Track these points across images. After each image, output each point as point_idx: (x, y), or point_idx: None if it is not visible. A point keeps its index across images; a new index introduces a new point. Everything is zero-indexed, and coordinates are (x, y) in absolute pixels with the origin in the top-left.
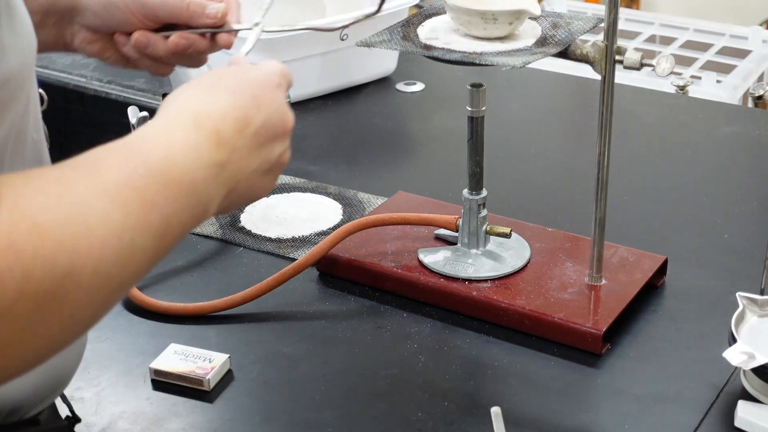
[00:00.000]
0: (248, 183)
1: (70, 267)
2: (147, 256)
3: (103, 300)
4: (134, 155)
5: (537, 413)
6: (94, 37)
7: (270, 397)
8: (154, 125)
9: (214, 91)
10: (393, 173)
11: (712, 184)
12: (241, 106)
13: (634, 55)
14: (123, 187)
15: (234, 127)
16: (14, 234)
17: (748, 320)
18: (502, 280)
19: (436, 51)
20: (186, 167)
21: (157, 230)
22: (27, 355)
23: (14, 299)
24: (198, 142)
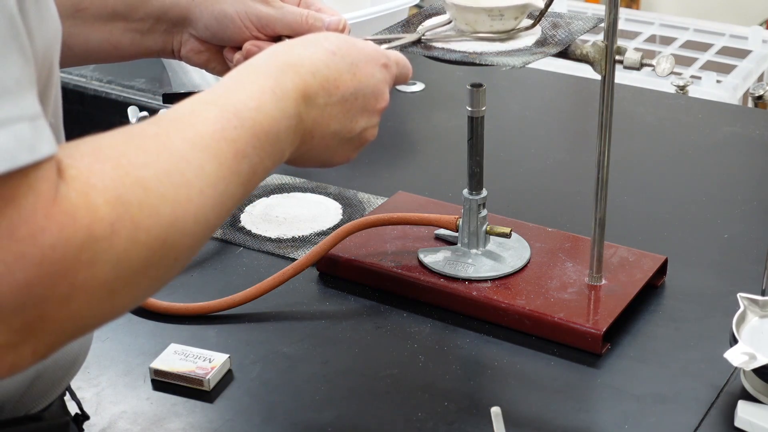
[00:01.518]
0: (323, 143)
1: (174, 217)
2: (235, 202)
3: (201, 243)
4: (226, 107)
5: (537, 413)
6: (202, 47)
7: (270, 397)
8: (247, 72)
9: (313, 46)
10: (393, 173)
11: (712, 184)
12: (335, 68)
13: (634, 55)
14: (217, 140)
15: (322, 84)
16: (120, 188)
17: (749, 321)
18: (502, 280)
19: (436, 51)
20: (273, 117)
21: (246, 177)
22: (137, 295)
23: (127, 247)
24: (286, 90)
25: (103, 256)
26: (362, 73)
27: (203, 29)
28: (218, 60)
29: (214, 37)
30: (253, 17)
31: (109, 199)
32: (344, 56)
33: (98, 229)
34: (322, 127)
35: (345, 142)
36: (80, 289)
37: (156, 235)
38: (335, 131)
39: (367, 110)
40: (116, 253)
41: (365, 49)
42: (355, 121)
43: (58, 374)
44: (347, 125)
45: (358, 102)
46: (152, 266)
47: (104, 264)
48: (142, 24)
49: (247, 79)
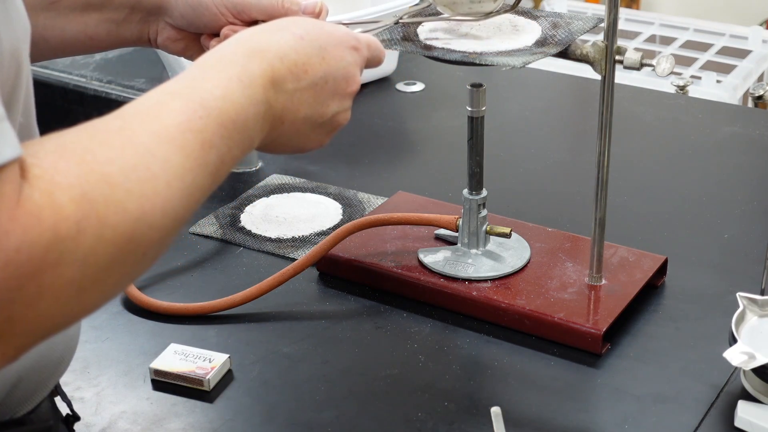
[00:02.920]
0: (294, 128)
1: (141, 211)
2: (204, 193)
3: (171, 236)
4: (192, 98)
5: (537, 413)
6: (179, 36)
7: (270, 397)
8: (212, 61)
9: (281, 32)
10: (393, 173)
11: (712, 184)
12: (303, 52)
13: (634, 55)
14: (183, 131)
15: (290, 69)
16: (85, 185)
17: (748, 320)
18: (502, 280)
19: (436, 51)
20: (241, 105)
21: (214, 167)
22: (107, 292)
23: (94, 245)
24: (252, 77)
25: (69, 255)
26: (331, 57)
27: (179, 17)
28: (195, 48)
29: (190, 25)
30: (229, 4)
31: (74, 197)
32: (312, 40)
33: (64, 228)
34: (292, 112)
35: (317, 127)
36: (48, 290)
37: (123, 231)
38: (306, 116)
39: (338, 94)
40: (83, 252)
41: (334, 32)
42: (326, 106)
43: (42, 376)
44: (318, 110)
45: (329, 86)
46: (120, 262)
47: (71, 263)
48: (117, 14)
49: (212, 68)
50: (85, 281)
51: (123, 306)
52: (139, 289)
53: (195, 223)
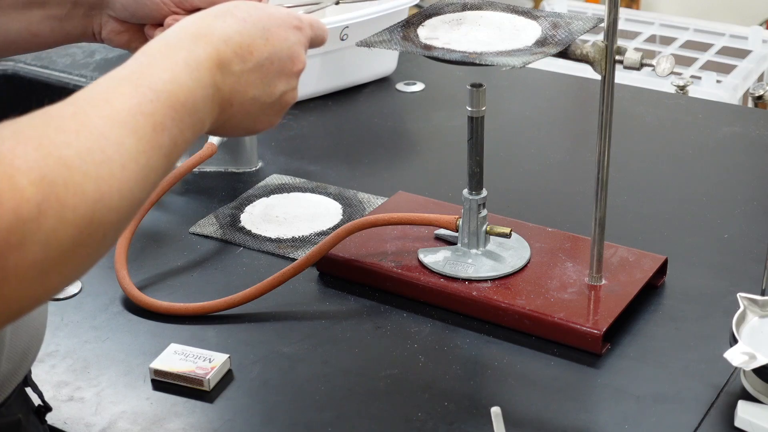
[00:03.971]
0: (243, 109)
1: (99, 193)
2: (159, 175)
3: (128, 218)
4: (140, 83)
5: (537, 413)
6: (122, 28)
7: (270, 397)
8: (158, 47)
9: (224, 16)
10: (393, 173)
11: (712, 184)
12: (248, 34)
13: (634, 55)
14: (134, 114)
15: (235, 51)
16: (44, 168)
17: (748, 321)
18: (502, 280)
19: (436, 51)
20: (189, 88)
21: (167, 149)
22: (69, 275)
23: (55, 227)
24: (198, 60)
25: (32, 237)
26: (275, 38)
27: (121, 9)
28: (140, 39)
29: (132, 16)
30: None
31: (33, 180)
32: (255, 22)
33: (25, 210)
34: (240, 94)
35: (266, 107)
36: (11, 273)
37: (83, 213)
38: (254, 97)
39: (284, 74)
40: (45, 234)
41: (277, 13)
42: (274, 86)
43: (8, 368)
44: (266, 90)
45: (274, 66)
46: (81, 244)
47: (33, 245)
48: (59, 10)
49: (159, 53)
50: (47, 263)
51: (123, 306)
52: (139, 289)
53: (195, 223)
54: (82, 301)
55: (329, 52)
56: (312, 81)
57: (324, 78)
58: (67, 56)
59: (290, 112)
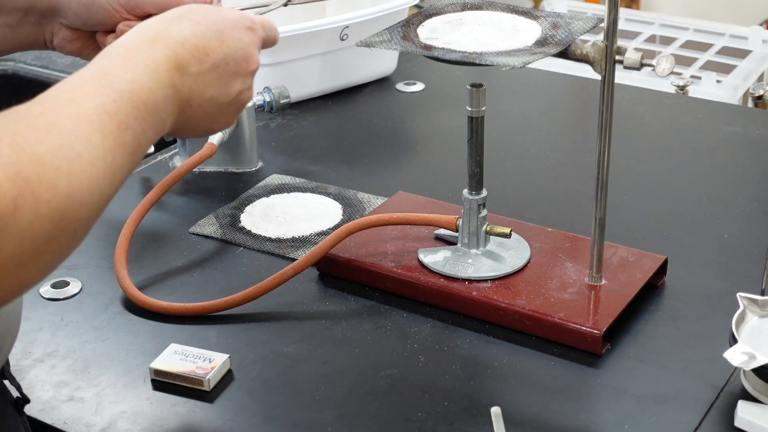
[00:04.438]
0: (202, 110)
1: (71, 189)
2: (125, 172)
3: (97, 213)
4: (103, 83)
5: (537, 413)
6: (74, 35)
7: (270, 397)
8: (117, 50)
9: (179, 20)
10: (393, 173)
11: (712, 184)
12: (203, 36)
13: (634, 55)
14: (99, 113)
15: (192, 53)
16: (18, 164)
17: (748, 321)
18: (502, 280)
19: (436, 51)
20: (150, 88)
21: (131, 148)
22: (42, 269)
23: (30, 221)
24: (157, 62)
25: (8, 231)
26: (230, 39)
27: (73, 17)
28: (92, 46)
29: (85, 23)
30: (122, 0)
31: (9, 176)
32: (210, 24)
33: (2, 205)
34: (199, 95)
35: (223, 107)
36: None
37: (56, 208)
38: (212, 97)
39: (240, 73)
40: (20, 228)
41: (230, 15)
42: (230, 86)
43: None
44: (223, 90)
45: (230, 66)
46: (54, 239)
47: (10, 239)
48: (10, 18)
49: (119, 56)
50: (23, 256)
51: (123, 306)
52: (139, 289)
53: (195, 223)
54: (82, 301)
55: (329, 52)
56: (312, 81)
57: (324, 78)
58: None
59: (290, 112)
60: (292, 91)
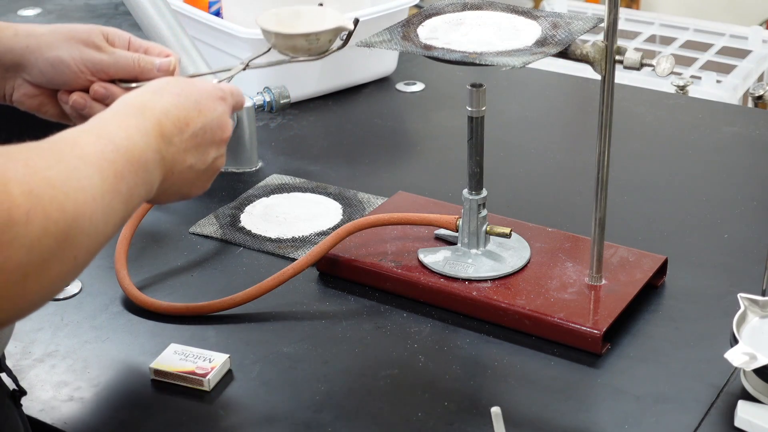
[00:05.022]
0: (182, 177)
1: (76, 214)
2: (118, 219)
3: (94, 249)
4: (102, 135)
5: (537, 413)
6: (36, 92)
7: (270, 397)
8: (110, 114)
9: (161, 92)
10: (393, 173)
11: (713, 184)
12: (183, 107)
13: (634, 55)
14: (99, 158)
15: (174, 124)
16: (32, 183)
17: (749, 321)
18: (502, 280)
19: (436, 51)
20: (142, 149)
21: (125, 197)
22: (44, 287)
23: (39, 235)
24: (146, 128)
25: (19, 239)
26: (206, 109)
27: (38, 74)
28: (52, 103)
29: (49, 81)
30: (88, 63)
31: (24, 191)
32: (188, 96)
33: (16, 214)
34: (180, 163)
35: (200, 174)
36: (1, 268)
37: (62, 228)
38: (191, 165)
39: (215, 142)
40: (30, 239)
41: (204, 87)
42: (207, 153)
43: None
44: (201, 158)
45: (207, 135)
46: (57, 258)
47: (20, 247)
48: None
49: (112, 118)
50: (29, 267)
51: (123, 306)
52: (139, 289)
53: (195, 223)
54: (82, 301)
55: None
56: (312, 81)
57: (324, 78)
58: None
59: (290, 112)
60: (292, 91)
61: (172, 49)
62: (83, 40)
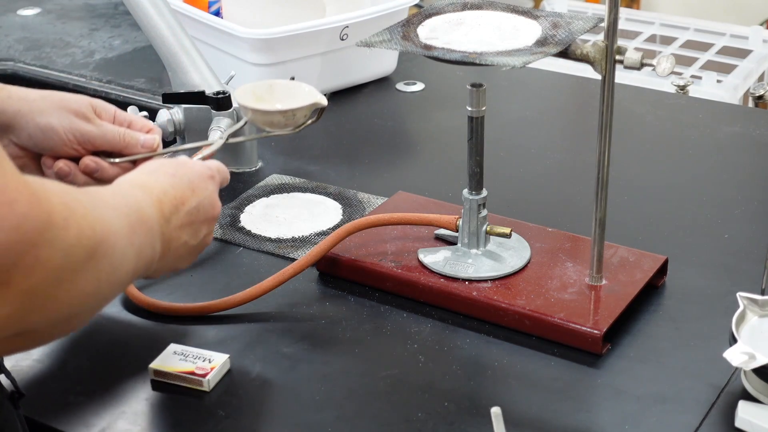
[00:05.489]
0: (177, 253)
1: (104, 235)
2: (130, 268)
3: (113, 281)
4: (117, 194)
5: (537, 413)
6: (21, 153)
7: (270, 397)
8: (115, 187)
9: (156, 173)
10: (393, 173)
11: (713, 184)
12: (178, 188)
13: (634, 54)
14: (116, 206)
15: (172, 202)
16: (67, 197)
17: (748, 320)
18: (502, 280)
19: (436, 51)
20: (149, 215)
21: (136, 250)
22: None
23: (74, 242)
24: (151, 202)
25: (58, 242)
26: (199, 189)
27: (26, 138)
28: (34, 166)
29: (35, 146)
30: (77, 132)
31: (61, 202)
32: (182, 177)
33: (56, 217)
34: (176, 239)
35: (191, 249)
36: (41, 265)
37: (93, 244)
38: (185, 241)
39: (207, 219)
40: (67, 244)
41: (195, 167)
42: (200, 231)
43: None
44: (194, 235)
45: (200, 214)
46: (86, 272)
47: (59, 249)
48: None
49: (119, 189)
50: (64, 272)
51: (123, 306)
52: (139, 289)
53: None
54: None
55: (329, 52)
56: (312, 81)
57: (324, 78)
58: (67, 56)
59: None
60: None
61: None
62: (74, 110)
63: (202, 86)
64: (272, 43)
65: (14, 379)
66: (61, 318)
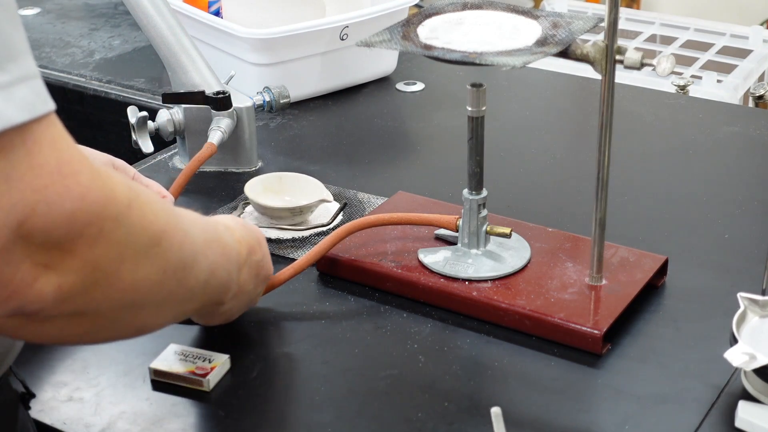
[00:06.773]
0: (240, 301)
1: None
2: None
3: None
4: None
5: (537, 413)
6: None
7: (270, 397)
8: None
9: (227, 221)
10: (393, 173)
11: (713, 183)
12: (250, 239)
13: (634, 54)
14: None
15: (247, 249)
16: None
17: (749, 321)
18: (502, 280)
19: (436, 51)
20: (230, 246)
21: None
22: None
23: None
24: (233, 239)
25: (122, 219)
26: (263, 244)
27: None
28: None
29: None
30: None
31: (125, 185)
32: (251, 229)
33: (119, 197)
34: (244, 286)
35: (246, 302)
36: (104, 238)
37: (157, 230)
38: (248, 291)
39: (266, 277)
40: (129, 225)
41: (255, 228)
42: (258, 286)
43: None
44: (255, 288)
45: (263, 269)
46: (149, 260)
47: (121, 228)
48: None
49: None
50: (127, 251)
51: None
52: None
53: None
54: None
55: (329, 52)
56: (312, 81)
57: (324, 78)
58: (67, 56)
59: (290, 112)
60: (292, 91)
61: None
62: None
63: (202, 86)
64: (272, 43)
65: (23, 380)
66: (125, 303)
